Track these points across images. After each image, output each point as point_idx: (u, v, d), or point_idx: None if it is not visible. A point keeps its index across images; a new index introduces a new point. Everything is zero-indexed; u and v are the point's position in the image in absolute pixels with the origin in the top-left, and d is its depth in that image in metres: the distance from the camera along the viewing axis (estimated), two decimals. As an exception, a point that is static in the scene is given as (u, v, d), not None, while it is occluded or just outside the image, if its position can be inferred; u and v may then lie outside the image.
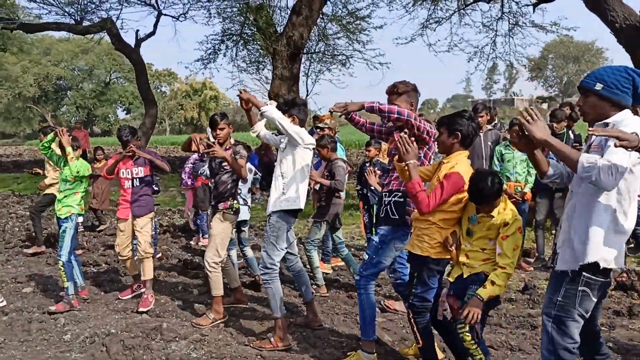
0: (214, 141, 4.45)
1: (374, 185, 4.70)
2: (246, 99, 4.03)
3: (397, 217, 3.51)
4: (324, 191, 5.39)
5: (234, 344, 4.05)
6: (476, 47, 16.37)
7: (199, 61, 16.58)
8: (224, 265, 4.65)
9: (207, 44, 16.27)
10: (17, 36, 24.69)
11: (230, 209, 4.50)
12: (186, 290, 5.56)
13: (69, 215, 4.98)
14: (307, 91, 16.54)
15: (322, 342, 4.10)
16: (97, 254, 7.20)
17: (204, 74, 41.46)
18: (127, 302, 5.16)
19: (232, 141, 4.59)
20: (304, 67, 15.87)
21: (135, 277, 5.27)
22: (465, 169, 3.08)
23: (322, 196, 5.43)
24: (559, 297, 2.50)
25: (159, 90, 59.95)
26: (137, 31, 17.08)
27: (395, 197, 3.54)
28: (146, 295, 4.93)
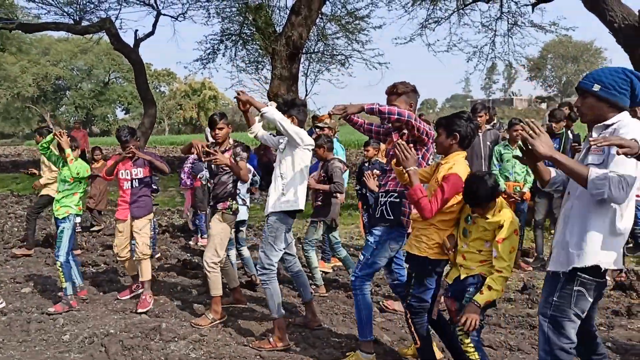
0: (215, 148, 4.44)
1: (373, 188, 4.70)
2: (245, 100, 3.97)
3: (393, 218, 3.50)
4: (322, 191, 5.38)
5: (233, 344, 4.05)
6: (475, 47, 16.41)
7: (198, 61, 16.63)
8: (222, 265, 4.66)
9: (206, 43, 16.32)
10: (15, 36, 24.67)
11: (229, 209, 4.50)
12: (185, 290, 5.56)
13: (66, 215, 4.97)
14: (306, 91, 16.56)
15: (321, 342, 4.10)
16: (96, 254, 7.19)
17: (203, 74, 41.64)
18: (126, 302, 5.15)
19: (231, 141, 4.59)
20: (303, 67, 15.89)
21: (134, 277, 5.27)
22: (463, 170, 3.09)
23: (319, 196, 5.42)
24: (555, 298, 2.50)
25: (158, 90, 59.92)
26: (136, 31, 17.15)
27: (391, 198, 3.53)
28: (144, 296, 4.93)
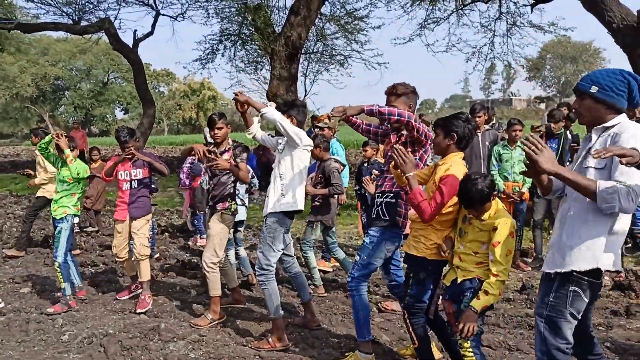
0: (214, 148, 4.44)
1: (372, 192, 4.68)
2: (244, 100, 3.94)
3: (388, 218, 3.50)
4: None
5: (232, 345, 4.05)
6: (474, 47, 16.46)
7: (197, 61, 16.65)
8: (222, 265, 4.65)
9: (205, 44, 16.34)
10: (14, 36, 24.64)
11: (228, 209, 4.50)
12: (184, 290, 5.55)
13: (64, 215, 4.96)
14: (306, 91, 16.57)
15: (320, 342, 4.10)
16: (95, 255, 7.19)
17: (202, 74, 41.38)
18: (125, 302, 5.15)
19: (230, 142, 4.59)
20: (302, 67, 15.91)
21: (133, 277, 5.26)
22: (460, 171, 3.08)
23: (316, 195, 5.40)
24: (551, 298, 2.50)
25: (157, 90, 59.89)
26: (135, 31, 17.10)
27: (387, 198, 3.53)
28: (143, 296, 4.93)
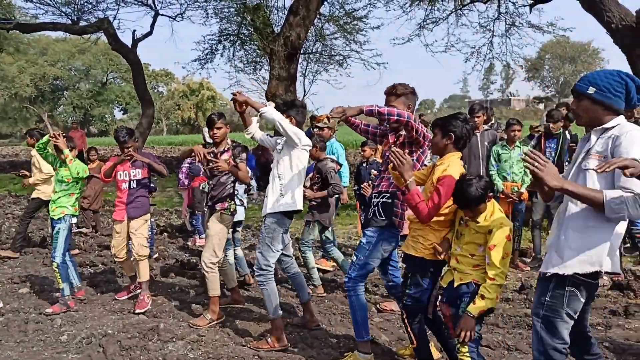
0: (215, 152, 4.43)
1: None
2: (242, 100, 3.93)
3: (385, 218, 3.50)
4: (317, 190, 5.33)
5: (231, 345, 4.05)
6: (473, 47, 16.49)
7: (196, 61, 16.65)
8: (221, 265, 4.65)
9: (204, 44, 16.34)
10: (13, 36, 24.60)
11: (227, 209, 4.50)
12: (183, 290, 5.55)
13: (62, 216, 4.96)
14: (305, 91, 16.58)
15: (319, 342, 4.10)
16: (94, 255, 7.18)
17: (201, 74, 41.12)
18: (123, 302, 5.14)
19: (229, 142, 4.59)
20: (301, 67, 15.92)
21: (132, 277, 5.26)
22: (457, 171, 3.07)
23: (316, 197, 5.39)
24: (547, 298, 2.50)
25: (156, 90, 59.87)
26: (134, 31, 17.09)
27: (383, 199, 3.53)
28: (142, 296, 4.92)
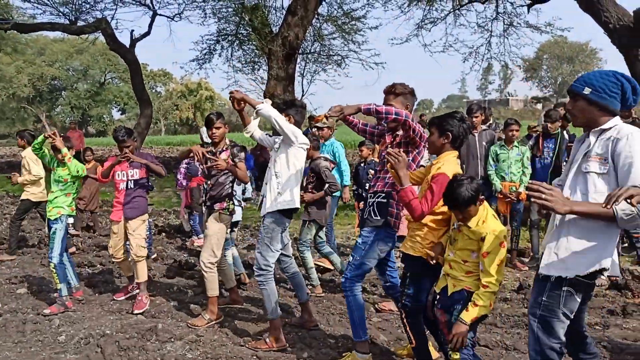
0: (214, 151, 4.43)
1: None
2: (240, 98, 3.94)
3: (380, 218, 3.49)
4: (312, 189, 5.32)
5: (229, 345, 4.05)
6: (471, 47, 16.50)
7: (194, 61, 16.66)
8: (219, 265, 4.65)
9: (203, 44, 16.36)
10: (11, 36, 24.61)
11: (226, 209, 4.50)
12: (181, 290, 5.55)
13: (59, 216, 4.95)
14: (303, 91, 16.61)
15: (318, 342, 4.10)
16: (92, 255, 7.17)
17: (199, 74, 41.52)
18: (122, 303, 5.14)
19: (227, 142, 4.59)
20: (300, 67, 15.96)
21: (130, 278, 5.25)
22: (451, 170, 3.05)
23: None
24: (544, 298, 2.50)
25: (154, 90, 59.86)
26: (132, 31, 17.14)
27: (378, 198, 3.53)
28: (140, 297, 4.92)
